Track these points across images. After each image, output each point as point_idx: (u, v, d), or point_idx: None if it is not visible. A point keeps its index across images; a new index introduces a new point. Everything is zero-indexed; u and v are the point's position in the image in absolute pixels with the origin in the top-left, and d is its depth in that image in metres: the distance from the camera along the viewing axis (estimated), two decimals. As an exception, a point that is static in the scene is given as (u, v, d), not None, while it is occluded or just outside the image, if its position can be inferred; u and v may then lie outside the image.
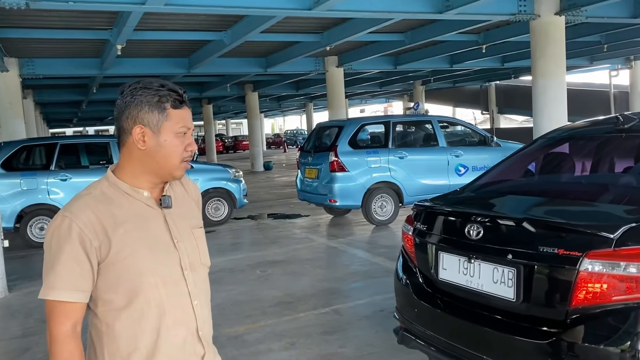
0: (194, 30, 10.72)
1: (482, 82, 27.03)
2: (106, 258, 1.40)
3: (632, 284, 2.08)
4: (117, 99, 1.47)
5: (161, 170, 1.47)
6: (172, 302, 1.47)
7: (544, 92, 9.21)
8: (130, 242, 1.42)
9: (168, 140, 1.44)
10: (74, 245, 1.37)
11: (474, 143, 9.63)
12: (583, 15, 9.32)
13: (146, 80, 1.45)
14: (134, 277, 1.42)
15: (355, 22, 10.39)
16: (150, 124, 1.42)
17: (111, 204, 1.43)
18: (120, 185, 1.46)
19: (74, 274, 1.38)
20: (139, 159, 1.45)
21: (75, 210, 1.40)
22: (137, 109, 1.42)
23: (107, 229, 1.40)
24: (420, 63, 16.40)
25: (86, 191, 1.46)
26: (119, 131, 1.47)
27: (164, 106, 1.43)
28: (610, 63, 20.77)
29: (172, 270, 1.48)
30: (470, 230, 2.58)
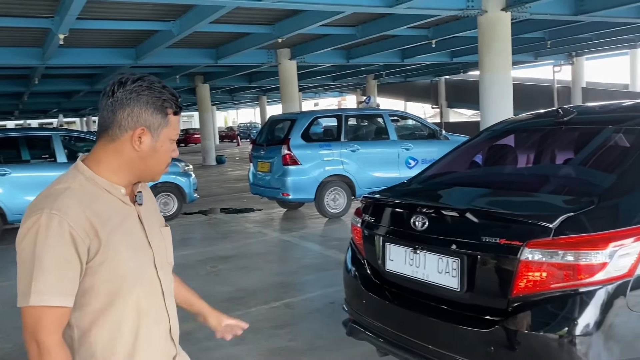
0: (141, 19, 10.41)
1: (432, 76, 27.53)
2: (93, 259, 1.31)
3: (569, 272, 2.15)
4: (113, 88, 1.35)
5: (146, 173, 1.43)
6: (148, 302, 1.42)
7: (491, 86, 9.44)
8: (114, 242, 1.34)
9: (164, 146, 1.41)
10: (65, 246, 1.26)
11: (424, 136, 9.79)
12: (528, 12, 9.60)
13: (149, 79, 1.38)
14: (117, 279, 1.35)
15: (307, 14, 10.35)
16: (151, 127, 1.37)
17: (94, 201, 1.34)
18: (99, 180, 1.37)
19: (66, 276, 1.27)
20: (129, 159, 1.38)
21: (63, 207, 1.28)
22: (141, 109, 1.35)
23: (97, 228, 1.31)
24: (372, 57, 16.54)
25: (63, 185, 1.34)
26: (107, 124, 1.36)
27: (166, 111, 1.38)
28: (554, 59, 21.54)
29: (148, 270, 1.43)
30: (415, 221, 2.60)
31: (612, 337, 2.12)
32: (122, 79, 1.36)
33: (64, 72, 17.97)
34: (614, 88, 26.29)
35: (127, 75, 1.37)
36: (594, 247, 2.12)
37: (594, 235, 2.15)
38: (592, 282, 2.12)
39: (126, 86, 1.34)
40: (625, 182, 2.47)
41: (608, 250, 2.12)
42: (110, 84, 1.37)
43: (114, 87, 1.35)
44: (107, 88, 1.37)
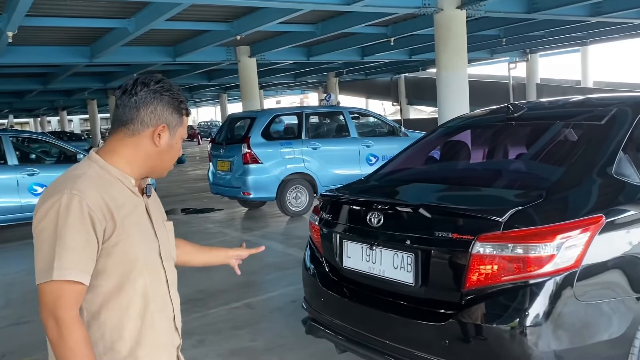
0: (95, 17, 10.14)
1: (392, 74, 27.83)
2: (108, 241, 1.38)
3: (519, 264, 2.20)
4: (136, 87, 1.46)
5: (159, 168, 1.53)
6: (155, 289, 1.48)
7: (448, 83, 9.60)
8: (128, 227, 1.41)
9: (178, 144, 1.54)
10: (85, 225, 1.33)
11: (384, 133, 9.88)
12: (482, 10, 9.80)
13: (168, 82, 1.51)
14: (128, 262, 1.41)
15: (266, 11, 10.29)
16: (170, 125, 1.49)
17: (109, 187, 1.42)
18: (112, 170, 1.45)
19: (85, 254, 1.33)
20: (146, 154, 1.48)
21: (83, 188, 1.35)
22: (163, 108, 1.47)
23: (112, 211, 1.38)
24: (333, 55, 16.58)
25: (80, 171, 1.42)
26: (127, 119, 1.46)
27: (182, 112, 1.52)
28: (510, 56, 22.08)
29: (155, 258, 1.50)
30: (371, 218, 2.62)
31: (560, 326, 2.18)
32: (145, 80, 1.47)
33: (15, 71, 17.34)
34: (567, 84, 27.12)
35: (148, 77, 1.49)
36: (542, 239, 2.18)
37: (542, 228, 2.21)
38: (540, 274, 2.17)
39: (149, 86, 1.46)
40: (572, 176, 2.55)
41: (555, 243, 2.18)
42: (131, 84, 1.47)
43: (136, 86, 1.46)
44: (128, 87, 1.47)
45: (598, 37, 18.32)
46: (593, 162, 2.57)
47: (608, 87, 26.05)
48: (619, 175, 2.55)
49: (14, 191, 8.34)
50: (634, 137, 2.74)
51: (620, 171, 2.57)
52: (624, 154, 2.62)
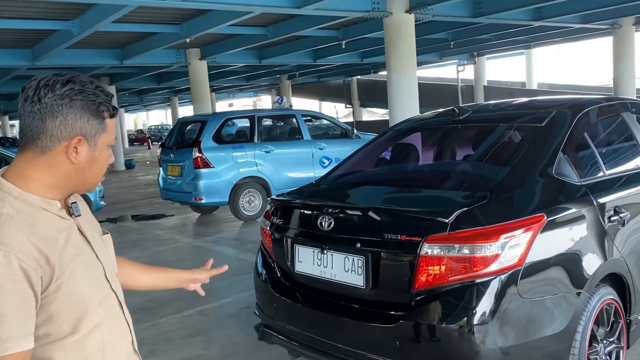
0: (36, 18, 9.76)
1: (344, 76, 28.02)
2: (47, 288, 1.16)
3: (465, 264, 2.24)
4: (38, 93, 1.18)
5: (84, 185, 1.29)
6: (110, 318, 1.32)
7: (398, 85, 9.74)
8: (67, 264, 1.20)
9: (102, 154, 1.26)
10: (18, 282, 1.11)
11: (337, 136, 9.94)
12: (430, 14, 10.00)
13: (80, 80, 1.22)
14: (77, 301, 1.22)
15: (216, 14, 10.17)
16: (88, 135, 1.22)
17: (33, 223, 1.18)
18: (31, 199, 1.20)
19: (24, 315, 1.12)
20: (64, 173, 1.23)
21: (5, 239, 1.11)
22: (75, 115, 1.19)
23: (47, 254, 1.16)
24: (285, 57, 16.56)
25: None
26: (34, 134, 1.19)
27: (102, 115, 1.23)
28: (458, 59, 22.62)
29: (102, 285, 1.31)
30: (322, 221, 2.62)
31: (506, 323, 2.24)
32: (49, 81, 1.19)
33: (-50, 75, 16.51)
34: (513, 86, 28.05)
35: (53, 77, 1.20)
36: (487, 239, 2.24)
37: (487, 228, 2.26)
38: (486, 273, 2.23)
39: (55, 90, 1.18)
40: (515, 176, 2.63)
41: (500, 242, 2.24)
42: (33, 88, 1.19)
43: (39, 91, 1.18)
44: (29, 92, 1.19)
45: (541, 40, 19.01)
46: (534, 163, 2.66)
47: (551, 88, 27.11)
48: (559, 175, 2.64)
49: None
50: (573, 138, 2.86)
51: (560, 171, 2.66)
52: (563, 154, 2.73)
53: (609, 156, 3.10)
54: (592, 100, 3.26)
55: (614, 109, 3.34)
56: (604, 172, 2.91)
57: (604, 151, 3.08)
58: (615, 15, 13.52)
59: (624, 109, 3.35)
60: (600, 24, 14.03)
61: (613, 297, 2.67)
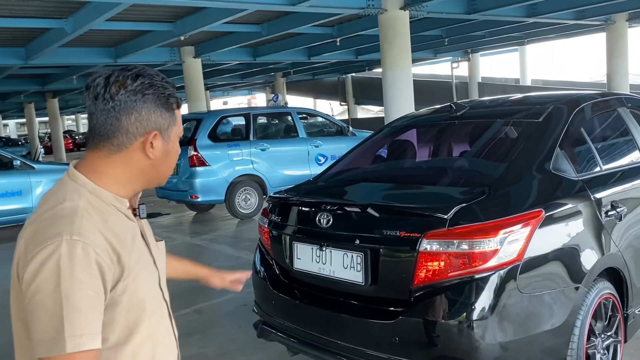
0: (29, 17, 9.69)
1: (339, 74, 27.99)
2: (115, 288, 1.12)
3: (465, 260, 2.25)
4: (110, 90, 1.14)
5: (157, 179, 1.26)
6: (160, 330, 1.26)
7: (393, 82, 9.74)
8: (133, 265, 1.16)
9: (174, 147, 1.25)
10: (93, 277, 1.06)
11: (332, 133, 9.94)
12: (425, 11, 10.00)
13: (148, 73, 1.19)
14: (136, 307, 1.17)
15: (210, 11, 10.13)
16: (162, 129, 1.20)
17: (107, 218, 1.14)
18: (104, 195, 1.17)
19: (97, 313, 1.07)
20: (139, 168, 1.21)
21: (84, 230, 1.07)
22: (149, 110, 1.17)
23: (119, 252, 1.12)
24: (279, 55, 16.51)
25: (69, 203, 1.11)
26: (108, 131, 1.16)
27: (172, 107, 1.21)
28: (452, 56, 22.64)
29: (157, 293, 1.26)
30: (320, 218, 2.62)
31: (505, 318, 2.25)
32: (118, 77, 1.15)
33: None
34: (507, 82, 28.11)
35: (122, 73, 1.16)
36: (486, 235, 2.24)
37: (486, 224, 2.27)
38: (485, 269, 2.23)
39: (127, 86, 1.15)
40: (513, 172, 2.63)
41: (499, 237, 2.24)
42: (102, 85, 1.15)
43: (110, 88, 1.15)
44: (99, 90, 1.15)
45: (535, 36, 19.06)
46: (532, 158, 2.67)
47: (545, 84, 27.17)
48: (556, 171, 2.65)
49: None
50: (569, 134, 2.86)
51: (558, 166, 2.67)
52: (560, 150, 2.73)
53: (605, 151, 3.11)
54: (588, 95, 3.27)
55: (610, 104, 3.35)
56: (601, 167, 2.92)
57: (600, 146, 3.09)
58: (609, 12, 13.56)
59: (620, 104, 3.36)
60: (594, 20, 14.07)
61: (611, 292, 2.68)
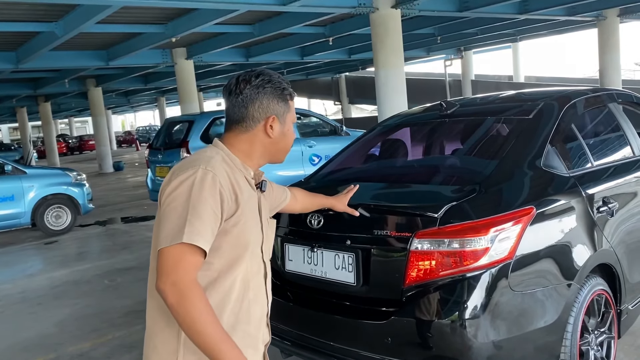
0: (18, 20, 9.63)
1: (333, 73, 27.99)
2: (229, 220, 1.43)
3: (456, 259, 2.23)
4: (239, 86, 1.53)
5: (278, 154, 1.63)
6: (254, 279, 1.53)
7: (386, 81, 9.74)
8: (245, 211, 1.47)
9: (290, 129, 1.62)
10: (215, 200, 1.39)
11: (326, 133, 9.91)
12: (416, 9, 10.00)
13: (267, 72, 1.56)
14: (240, 245, 1.47)
15: (201, 12, 10.10)
16: (279, 114, 1.57)
17: (234, 173, 1.49)
18: (235, 160, 1.53)
19: (211, 227, 1.38)
20: (263, 145, 1.57)
21: (216, 167, 1.43)
22: (269, 100, 1.54)
23: (237, 193, 1.45)
24: (272, 55, 16.50)
25: (209, 153, 1.49)
26: (239, 117, 1.54)
27: (287, 98, 1.58)
28: (446, 53, 22.67)
29: (258, 250, 1.56)
30: (311, 219, 2.60)
31: (497, 316, 2.23)
32: (246, 77, 1.54)
33: None
34: (500, 79, 28.17)
35: (248, 73, 1.55)
36: (477, 233, 2.22)
37: (476, 222, 2.25)
38: (476, 267, 2.21)
39: (251, 82, 1.53)
40: (503, 169, 2.62)
41: (489, 236, 2.22)
42: (234, 83, 1.55)
43: (239, 85, 1.54)
44: (232, 87, 1.55)
45: (527, 33, 19.11)
46: (523, 155, 2.65)
47: (538, 81, 27.26)
48: (547, 168, 2.64)
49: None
50: (560, 130, 2.85)
51: (548, 163, 2.66)
52: (551, 146, 2.72)
53: (596, 147, 3.11)
54: (579, 91, 3.26)
55: (601, 100, 3.34)
56: (592, 163, 2.92)
57: (591, 142, 3.08)
58: (600, 7, 13.61)
59: (611, 100, 3.36)
60: (585, 16, 14.11)
61: (603, 288, 2.67)
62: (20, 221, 8.49)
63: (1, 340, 4.38)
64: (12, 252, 7.87)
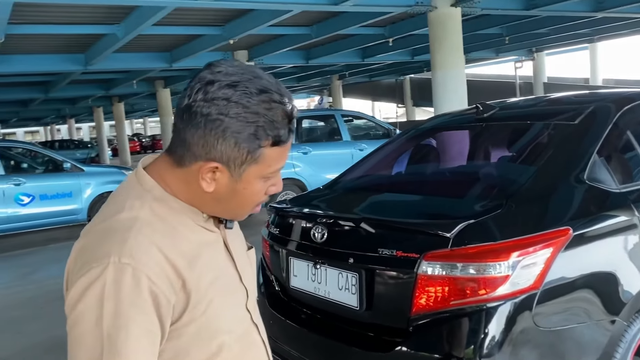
0: (83, 23, 9.97)
1: (396, 75, 27.46)
2: (178, 320, 0.93)
3: (469, 286, 1.92)
4: (194, 87, 0.92)
5: (222, 213, 1.03)
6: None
7: (444, 83, 9.29)
8: (205, 289, 0.96)
9: (248, 188, 0.97)
10: (146, 312, 0.87)
11: (378, 136, 9.61)
12: (478, 7, 9.48)
13: (250, 83, 0.91)
14: (209, 339, 0.98)
15: (256, 14, 10.06)
16: (230, 164, 0.93)
17: (174, 233, 0.95)
18: (173, 203, 0.97)
19: (147, 354, 0.88)
20: (199, 195, 0.98)
21: (137, 251, 0.88)
22: (217, 136, 0.90)
23: (184, 275, 0.92)
24: (332, 57, 16.31)
25: (127, 214, 0.93)
26: (174, 139, 0.96)
27: (258, 143, 0.92)
28: (517, 55, 21.65)
29: (242, 317, 1.07)
30: (315, 232, 2.35)
31: (516, 356, 1.90)
32: (211, 73, 0.92)
33: (14, 80, 17.28)
34: (575, 82, 26.62)
35: (223, 70, 0.92)
36: (496, 257, 1.90)
37: (496, 245, 1.93)
38: (494, 298, 1.89)
39: (208, 90, 0.90)
40: (537, 183, 2.27)
41: (511, 261, 1.90)
42: (196, 78, 0.93)
43: (195, 85, 0.92)
44: (190, 82, 0.94)
45: (605, 33, 17.87)
46: (562, 166, 2.29)
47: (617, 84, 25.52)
48: (592, 181, 2.26)
49: (0, 201, 8.22)
50: (613, 138, 2.46)
51: (595, 176, 2.28)
52: (599, 157, 2.34)
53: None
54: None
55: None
56: (650, 178, 2.49)
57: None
58: (687, 3, 12.43)
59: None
60: (671, 13, 12.94)
61: (658, 326, 2.25)
62: (77, 217, 8.77)
63: (35, 335, 4.41)
64: (69, 247, 8.09)
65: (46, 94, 19.78)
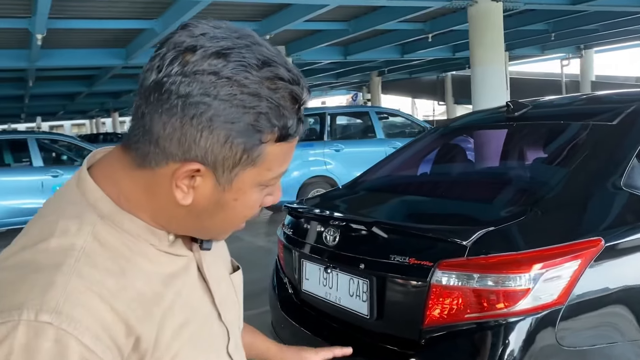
0: (122, 18, 10.13)
1: (438, 72, 26.95)
2: None
3: (486, 299, 1.77)
4: (162, 59, 0.64)
5: (198, 232, 0.76)
6: None
7: (482, 79, 9.00)
8: (168, 342, 0.70)
9: (240, 199, 0.70)
10: None
11: (414, 134, 9.39)
12: (521, 2, 9.15)
13: (245, 59, 0.64)
14: None
15: (292, 8, 10.00)
16: (217, 166, 0.66)
17: (126, 269, 0.67)
18: (128, 223, 0.70)
19: None
20: (169, 208, 0.70)
21: (66, 304, 0.61)
22: (202, 128, 0.64)
23: (138, 331, 0.66)
24: (371, 53, 16.11)
25: (58, 240, 0.65)
26: (134, 130, 0.68)
27: (259, 137, 0.65)
28: (564, 52, 20.91)
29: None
30: (327, 235, 2.24)
31: (537, 378, 1.74)
32: (194, 38, 0.64)
33: (60, 74, 17.79)
34: (626, 81, 25.51)
35: (208, 32, 0.64)
36: (516, 269, 1.75)
37: (516, 255, 1.78)
38: (513, 313, 1.74)
39: (189, 62, 0.63)
40: (568, 188, 2.09)
41: (532, 273, 1.74)
42: (167, 43, 0.65)
43: (168, 53, 0.64)
44: (159, 49, 0.66)
45: (659, 29, 16.99)
46: (596, 171, 2.10)
47: (672, 83, 24.33)
48: (630, 188, 2.06)
49: (38, 193, 8.40)
50: (655, 141, 2.24)
51: (632, 183, 2.08)
52: (638, 161, 2.14)
53: None
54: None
55: None
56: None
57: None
58: None
59: None
60: None
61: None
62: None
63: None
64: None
65: (90, 87, 20.29)
